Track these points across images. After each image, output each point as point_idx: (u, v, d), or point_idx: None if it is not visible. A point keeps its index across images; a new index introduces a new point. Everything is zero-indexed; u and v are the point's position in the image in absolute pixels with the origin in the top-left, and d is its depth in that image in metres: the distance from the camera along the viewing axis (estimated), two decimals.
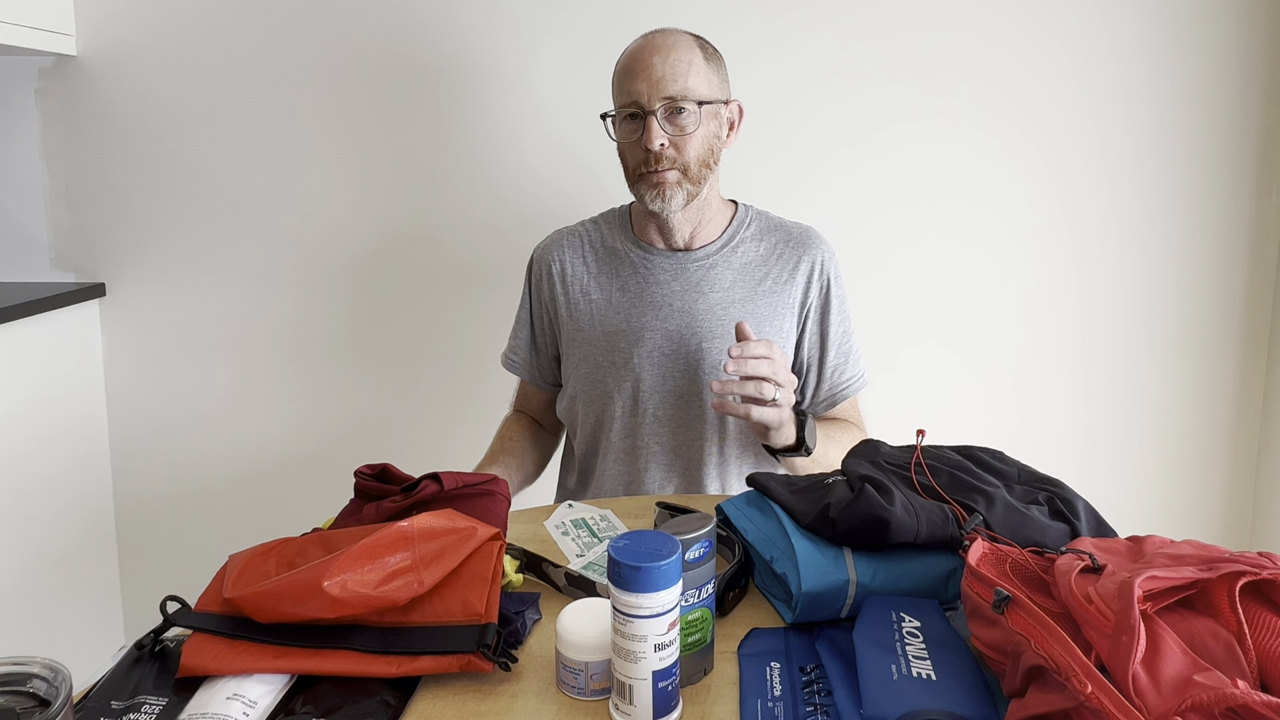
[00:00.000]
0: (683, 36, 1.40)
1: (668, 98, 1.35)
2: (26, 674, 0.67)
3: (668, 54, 1.36)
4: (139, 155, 2.06)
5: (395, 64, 2.00)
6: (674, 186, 1.38)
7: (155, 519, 2.17)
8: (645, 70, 1.36)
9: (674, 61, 1.36)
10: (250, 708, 0.78)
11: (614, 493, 1.49)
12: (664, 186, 1.38)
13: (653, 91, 1.35)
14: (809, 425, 1.34)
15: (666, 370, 1.44)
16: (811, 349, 1.48)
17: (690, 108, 1.36)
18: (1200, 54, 1.89)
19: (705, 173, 1.40)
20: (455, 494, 1.05)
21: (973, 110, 1.94)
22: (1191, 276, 1.97)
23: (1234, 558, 0.72)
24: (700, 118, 1.37)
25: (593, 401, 1.47)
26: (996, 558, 0.82)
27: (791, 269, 1.46)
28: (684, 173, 1.38)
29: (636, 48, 1.40)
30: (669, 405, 1.44)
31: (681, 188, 1.38)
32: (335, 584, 0.82)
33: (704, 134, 1.38)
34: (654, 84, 1.35)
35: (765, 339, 1.29)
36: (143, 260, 2.09)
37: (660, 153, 1.36)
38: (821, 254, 1.48)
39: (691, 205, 1.42)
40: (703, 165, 1.39)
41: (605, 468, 1.49)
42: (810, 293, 1.47)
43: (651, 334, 1.44)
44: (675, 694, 0.79)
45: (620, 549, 0.77)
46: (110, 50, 2.03)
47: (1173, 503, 2.04)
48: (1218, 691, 0.59)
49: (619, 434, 1.46)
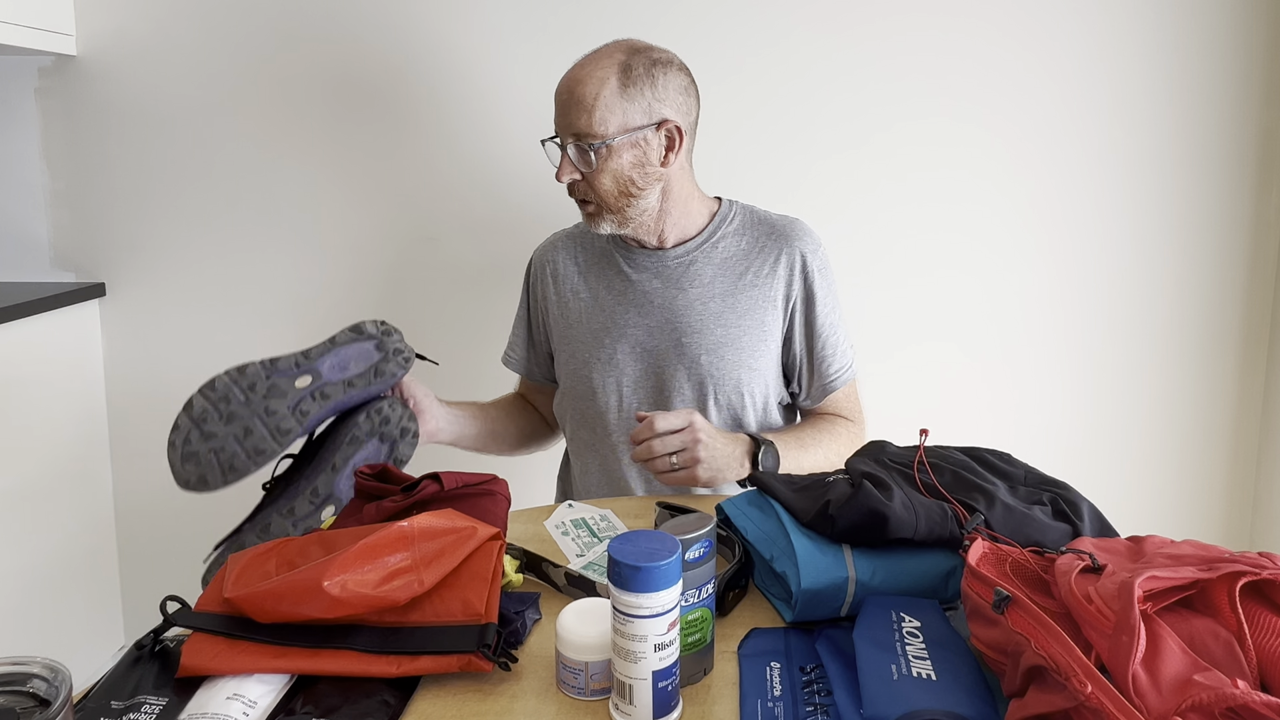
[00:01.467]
0: (605, 64, 1.36)
1: (574, 134, 1.36)
2: (26, 674, 0.67)
3: (575, 88, 1.35)
4: (139, 155, 2.06)
5: (396, 63, 1.99)
6: (594, 216, 1.41)
7: (155, 519, 2.17)
8: (559, 103, 1.38)
9: (580, 95, 1.34)
10: (250, 708, 0.78)
11: (598, 487, 1.51)
12: (588, 216, 1.42)
13: (563, 125, 1.38)
14: (763, 452, 1.33)
15: (648, 365, 1.46)
16: (800, 342, 1.49)
17: (594, 145, 1.35)
18: (1200, 52, 1.89)
19: (627, 201, 1.39)
20: (455, 494, 1.05)
21: (973, 110, 1.93)
22: (1192, 275, 1.97)
23: (1234, 558, 0.72)
24: (606, 154, 1.35)
25: (579, 397, 1.50)
26: (997, 557, 0.82)
27: (773, 262, 1.46)
28: (600, 206, 1.40)
29: (564, 75, 1.40)
30: (651, 400, 1.47)
31: (603, 218, 1.41)
32: (335, 584, 0.82)
33: (616, 168, 1.36)
34: (564, 118, 1.38)
35: (656, 415, 1.27)
36: (143, 260, 2.09)
37: (573, 186, 1.39)
38: (803, 246, 1.47)
39: (640, 221, 1.43)
40: (620, 197, 1.39)
41: (591, 462, 1.52)
42: (793, 286, 1.46)
43: (634, 330, 1.46)
44: (675, 694, 0.79)
45: (620, 549, 0.77)
46: (110, 50, 2.03)
47: (1173, 502, 2.04)
48: (1218, 691, 0.59)
49: (604, 429, 1.49)
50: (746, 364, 1.44)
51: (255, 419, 1.17)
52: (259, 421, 1.17)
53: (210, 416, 1.17)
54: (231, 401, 1.17)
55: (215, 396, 1.17)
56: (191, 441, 1.16)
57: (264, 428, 1.17)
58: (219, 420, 1.17)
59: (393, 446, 1.23)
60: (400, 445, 1.24)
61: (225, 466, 1.16)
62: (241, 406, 1.16)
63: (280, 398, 1.17)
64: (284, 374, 1.19)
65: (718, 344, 1.43)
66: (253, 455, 1.16)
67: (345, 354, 1.23)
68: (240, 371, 1.20)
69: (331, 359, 1.22)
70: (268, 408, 1.17)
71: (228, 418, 1.16)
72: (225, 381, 1.18)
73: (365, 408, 1.23)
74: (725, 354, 1.43)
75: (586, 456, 1.52)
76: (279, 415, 1.17)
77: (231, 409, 1.17)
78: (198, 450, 1.15)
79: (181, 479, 1.17)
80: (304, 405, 1.18)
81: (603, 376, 1.47)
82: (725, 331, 1.43)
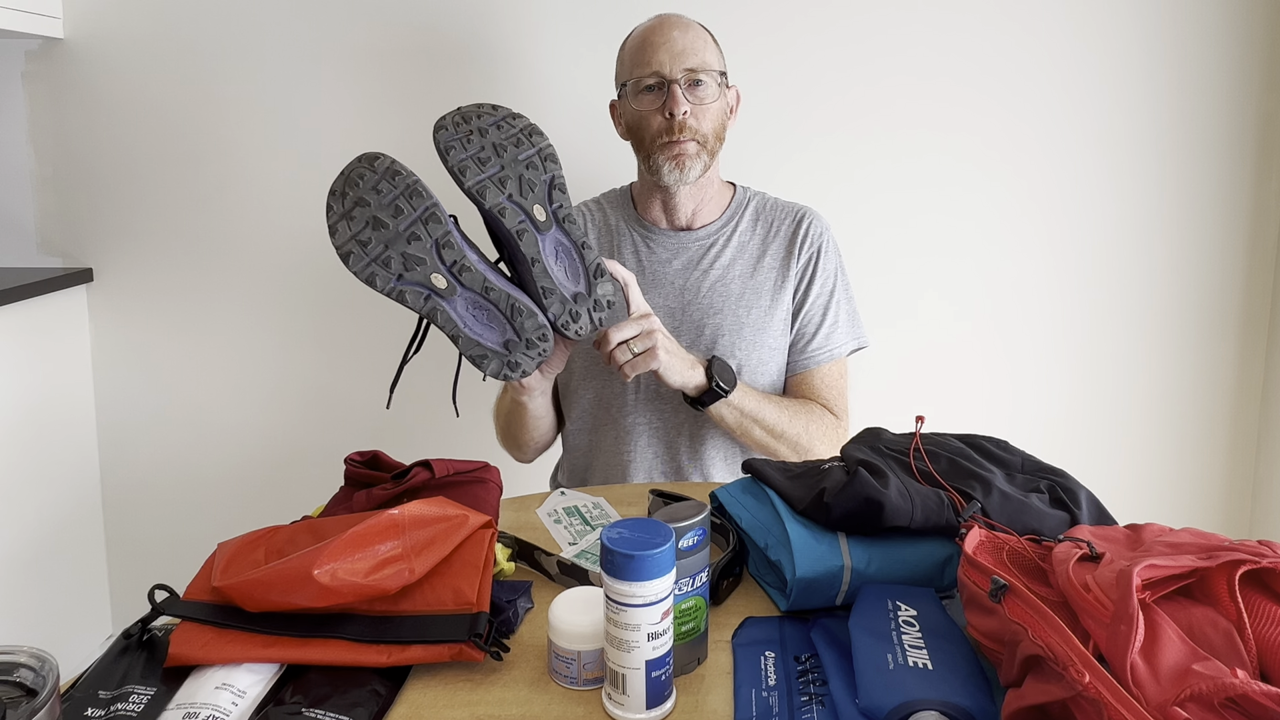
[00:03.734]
0: (687, 19, 1.47)
1: (689, 69, 1.42)
2: (13, 663, 0.67)
3: (686, 29, 1.44)
4: (127, 139, 2.04)
5: (387, 49, 1.98)
6: (692, 158, 1.43)
7: (143, 506, 2.16)
8: (666, 43, 1.42)
9: (692, 37, 1.44)
10: (239, 697, 0.78)
11: (611, 470, 1.52)
12: (683, 157, 1.43)
13: (675, 62, 1.42)
14: (718, 366, 1.35)
15: None
16: (794, 310, 1.52)
17: (709, 80, 1.43)
18: (1200, 37, 1.88)
19: (718, 146, 1.47)
20: (446, 481, 1.04)
21: (970, 94, 1.92)
22: (1192, 261, 1.96)
23: (1233, 546, 0.71)
24: (718, 90, 1.44)
25: (592, 377, 1.51)
26: (994, 545, 0.81)
27: (788, 246, 1.51)
28: (702, 144, 1.44)
29: (653, 24, 1.46)
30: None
31: (699, 159, 1.44)
32: (325, 572, 0.81)
33: (719, 107, 1.45)
34: (676, 55, 1.42)
35: (637, 302, 1.26)
36: (131, 245, 2.07)
37: (683, 121, 1.41)
38: (815, 230, 1.52)
39: (701, 180, 1.47)
40: (717, 138, 1.46)
41: (603, 443, 1.52)
42: (805, 267, 1.51)
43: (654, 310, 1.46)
44: (669, 683, 0.79)
45: (613, 537, 0.76)
46: (97, 33, 2.00)
47: (1171, 490, 2.04)
48: (1217, 681, 0.59)
49: (619, 409, 1.50)
50: (766, 344, 1.48)
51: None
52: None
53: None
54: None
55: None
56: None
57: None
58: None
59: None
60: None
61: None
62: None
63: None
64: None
65: (739, 324, 1.47)
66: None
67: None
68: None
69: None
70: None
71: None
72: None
73: None
74: (745, 334, 1.47)
75: (602, 435, 1.52)
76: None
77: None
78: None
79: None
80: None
81: None
82: (747, 313, 1.47)
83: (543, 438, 1.55)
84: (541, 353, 1.13)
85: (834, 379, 1.52)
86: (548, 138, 1.20)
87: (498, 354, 1.12)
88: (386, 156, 1.12)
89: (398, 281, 1.09)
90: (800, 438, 1.42)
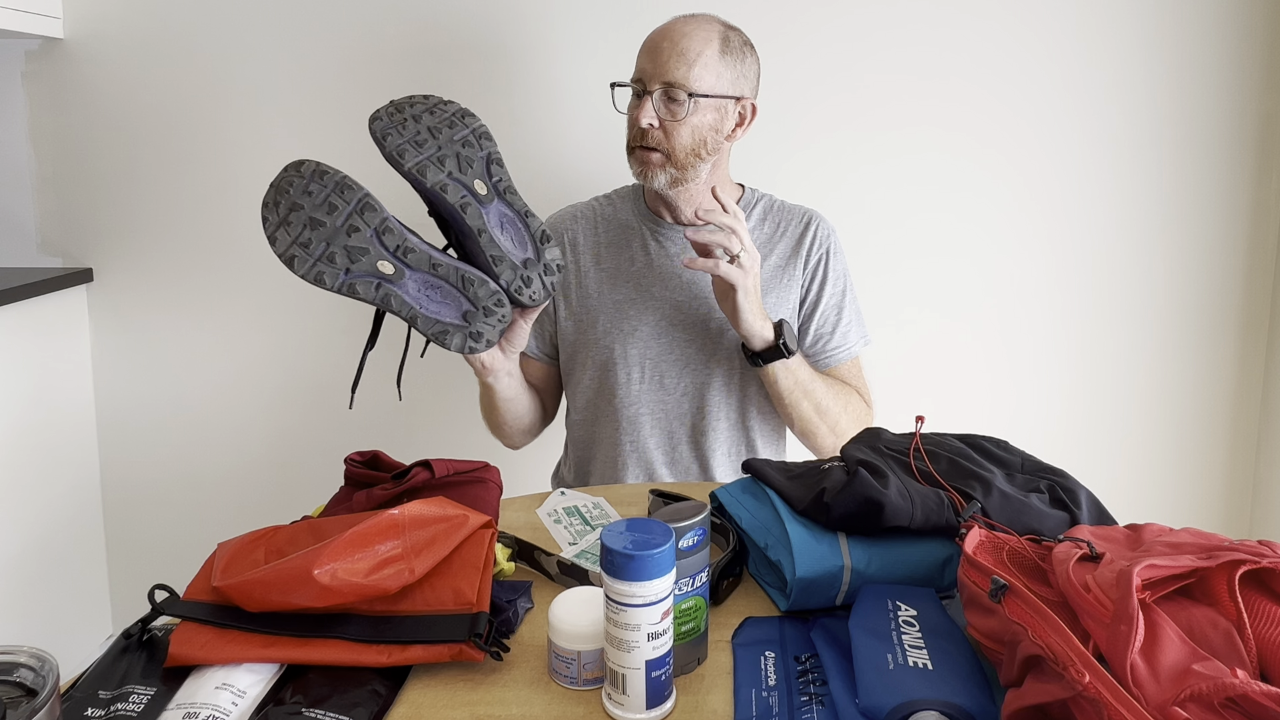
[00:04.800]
0: (707, 26, 1.43)
1: (666, 82, 1.40)
2: (13, 663, 0.67)
3: (680, 40, 1.41)
4: (127, 139, 2.03)
5: (387, 48, 1.97)
6: (656, 167, 1.43)
7: (143, 506, 2.16)
8: (655, 51, 1.42)
9: (683, 49, 1.40)
10: (239, 697, 0.77)
11: (612, 460, 1.53)
12: (648, 165, 1.44)
13: (655, 72, 1.41)
14: (787, 328, 1.38)
15: (672, 339, 1.50)
16: (806, 316, 1.53)
17: (683, 97, 1.40)
18: (1200, 36, 1.88)
19: (694, 161, 1.44)
20: (446, 481, 1.04)
21: (971, 94, 1.92)
22: (1192, 261, 1.96)
23: (1233, 546, 0.71)
24: (693, 109, 1.40)
25: (598, 368, 1.52)
26: (994, 545, 0.81)
27: (795, 245, 1.52)
28: (668, 157, 1.42)
29: (661, 26, 1.45)
30: (674, 373, 1.50)
31: (665, 170, 1.43)
32: (325, 572, 0.81)
33: (696, 125, 1.41)
34: (660, 65, 1.41)
35: (737, 211, 1.33)
36: (131, 245, 2.07)
37: (648, 131, 1.41)
38: (823, 232, 1.53)
39: (686, 186, 1.47)
40: (691, 154, 1.43)
41: (604, 433, 1.53)
42: (812, 268, 1.52)
43: (658, 303, 1.50)
44: (669, 683, 0.79)
45: (613, 537, 0.76)
46: (98, 33, 2.00)
47: (1171, 490, 2.04)
48: (1217, 681, 0.59)
49: (623, 401, 1.51)
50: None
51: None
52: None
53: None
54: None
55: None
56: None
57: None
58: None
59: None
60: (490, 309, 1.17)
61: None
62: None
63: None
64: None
65: None
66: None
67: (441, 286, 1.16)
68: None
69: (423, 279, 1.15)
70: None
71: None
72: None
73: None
74: None
75: (602, 428, 1.54)
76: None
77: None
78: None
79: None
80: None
81: (624, 347, 1.50)
82: None
83: (519, 421, 1.54)
84: (501, 319, 1.15)
85: (859, 372, 1.56)
86: (480, 119, 1.24)
87: (459, 327, 1.14)
88: (311, 161, 1.13)
89: (345, 275, 1.10)
90: (840, 420, 1.45)
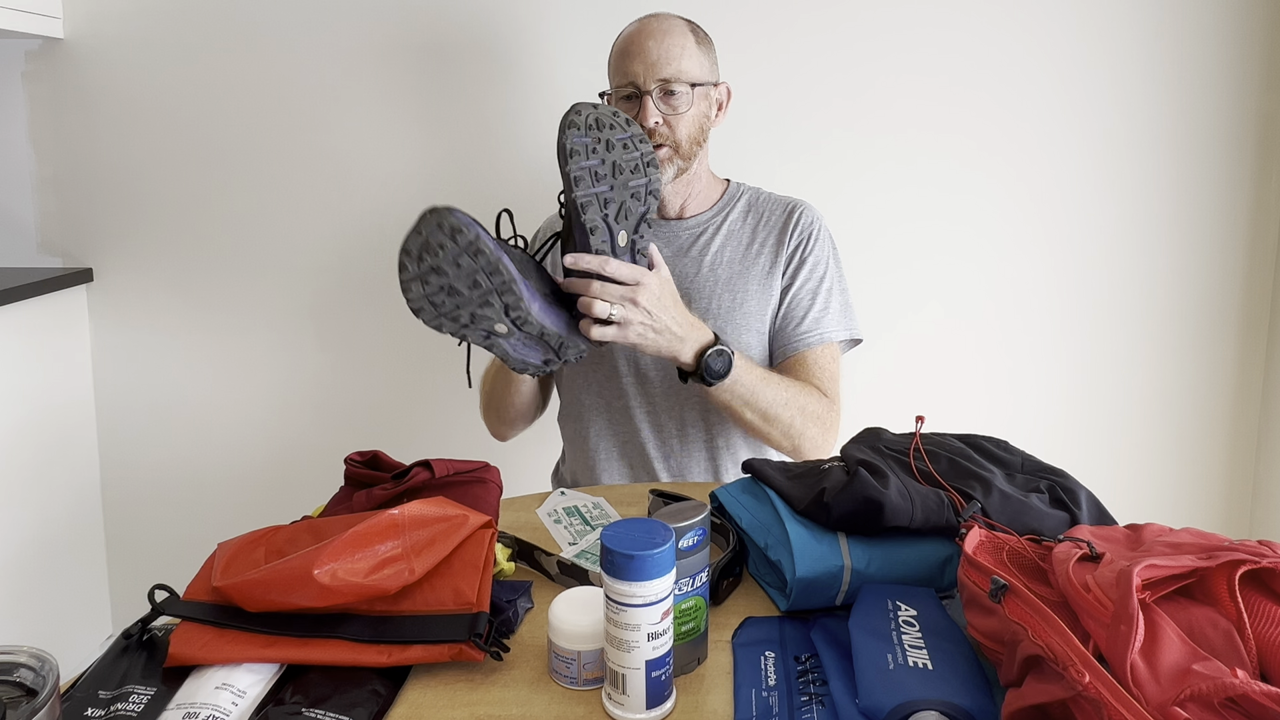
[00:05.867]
0: (676, 21, 1.48)
1: (662, 80, 1.43)
2: (13, 663, 0.67)
3: (662, 38, 1.44)
4: (127, 139, 2.04)
5: (388, 48, 1.98)
6: (665, 162, 1.46)
7: (143, 506, 2.16)
8: (641, 53, 1.44)
9: (668, 46, 1.44)
10: (239, 697, 0.77)
11: (606, 459, 1.54)
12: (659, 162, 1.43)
13: (648, 73, 1.43)
14: (715, 356, 1.30)
15: None
16: (780, 293, 1.52)
17: (682, 89, 1.44)
18: (1199, 37, 1.88)
19: (695, 149, 1.48)
20: (446, 481, 1.04)
21: (970, 95, 1.92)
22: (1192, 261, 1.96)
23: (1234, 546, 0.71)
24: (692, 99, 1.45)
25: (589, 361, 1.53)
26: (994, 545, 0.81)
27: (780, 232, 1.53)
28: (675, 149, 1.46)
29: (633, 31, 1.48)
30: (660, 368, 1.50)
31: (672, 163, 1.47)
32: (325, 572, 0.81)
33: (695, 114, 1.46)
34: (650, 66, 1.43)
35: (636, 268, 1.23)
36: (131, 246, 2.07)
37: (654, 130, 1.44)
38: (806, 218, 1.53)
39: (681, 178, 1.50)
40: (693, 143, 1.47)
41: (600, 426, 1.54)
42: (794, 251, 1.52)
43: None
44: (669, 683, 0.79)
45: (613, 537, 0.76)
46: (98, 33, 2.00)
47: (1171, 490, 2.04)
48: (1217, 681, 0.59)
49: (615, 392, 1.52)
50: (755, 329, 1.49)
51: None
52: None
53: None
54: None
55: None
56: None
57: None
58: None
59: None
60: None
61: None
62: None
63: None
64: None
65: (728, 309, 1.49)
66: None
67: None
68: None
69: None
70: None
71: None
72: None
73: None
74: (735, 318, 1.49)
75: (596, 421, 1.54)
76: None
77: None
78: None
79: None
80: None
81: (611, 343, 1.47)
82: (733, 296, 1.49)
83: (523, 403, 1.54)
84: (573, 361, 1.25)
85: (826, 362, 1.50)
86: (660, 171, 1.26)
87: (538, 367, 1.22)
88: (466, 229, 1.10)
89: (463, 329, 1.15)
90: (793, 423, 1.39)
